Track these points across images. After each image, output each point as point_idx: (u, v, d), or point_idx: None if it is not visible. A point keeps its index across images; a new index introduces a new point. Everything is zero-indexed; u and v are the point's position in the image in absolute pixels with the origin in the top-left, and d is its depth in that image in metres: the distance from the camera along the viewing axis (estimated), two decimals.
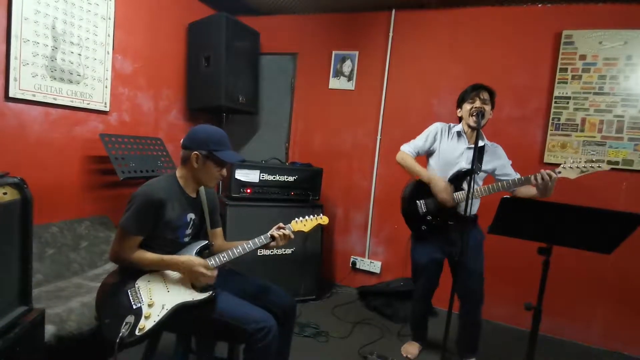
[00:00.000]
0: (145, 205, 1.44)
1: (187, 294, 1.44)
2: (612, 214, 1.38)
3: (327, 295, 3.11)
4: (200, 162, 1.53)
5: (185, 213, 1.58)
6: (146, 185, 1.51)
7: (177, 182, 1.59)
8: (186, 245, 1.58)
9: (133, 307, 1.37)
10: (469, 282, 2.04)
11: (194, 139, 1.54)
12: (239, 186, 2.65)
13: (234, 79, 3.04)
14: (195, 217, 1.64)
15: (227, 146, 1.57)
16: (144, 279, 1.45)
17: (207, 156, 1.52)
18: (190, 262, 1.45)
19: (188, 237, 1.61)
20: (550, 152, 2.71)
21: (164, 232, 1.50)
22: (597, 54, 2.57)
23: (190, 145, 1.54)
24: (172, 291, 1.43)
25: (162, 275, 1.47)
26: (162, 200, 1.46)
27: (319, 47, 3.38)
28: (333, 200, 3.38)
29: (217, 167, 1.56)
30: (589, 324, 2.68)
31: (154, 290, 1.42)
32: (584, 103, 2.62)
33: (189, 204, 1.61)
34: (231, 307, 1.49)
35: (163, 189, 1.51)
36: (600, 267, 2.60)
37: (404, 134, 3.10)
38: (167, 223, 1.49)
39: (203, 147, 1.51)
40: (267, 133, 3.60)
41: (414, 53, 3.08)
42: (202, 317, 1.46)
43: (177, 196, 1.55)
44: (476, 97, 2.00)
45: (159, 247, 1.50)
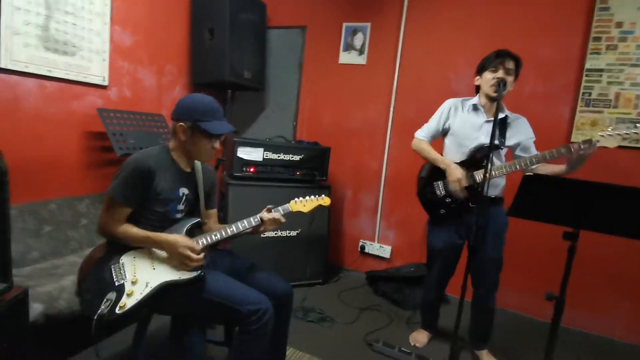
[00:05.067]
0: (134, 173, 1.34)
1: (174, 273, 1.34)
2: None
3: (334, 280, 3.01)
4: (186, 134, 1.42)
5: (178, 187, 1.48)
6: (136, 153, 1.41)
7: (170, 154, 1.48)
8: (177, 222, 1.48)
9: (115, 284, 1.28)
10: (486, 268, 1.89)
11: (180, 108, 1.43)
12: (242, 165, 2.54)
13: (239, 54, 2.90)
14: (189, 192, 1.53)
15: (215, 116, 1.44)
16: (129, 254, 1.36)
17: (192, 127, 1.41)
18: (175, 242, 1.34)
19: (180, 213, 1.51)
20: (578, 130, 2.49)
21: (153, 205, 1.40)
22: (635, 20, 2.30)
23: (176, 115, 1.43)
24: (158, 269, 1.34)
25: (150, 252, 1.38)
26: (152, 169, 1.36)
27: (328, 19, 3.18)
28: (341, 181, 3.24)
29: (206, 140, 1.43)
30: (611, 315, 2.50)
31: (139, 267, 1.33)
32: (619, 76, 2.37)
33: (182, 178, 1.50)
34: (223, 287, 1.39)
35: (154, 158, 1.41)
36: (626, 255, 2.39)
37: (418, 111, 2.93)
38: (157, 195, 1.39)
39: (187, 118, 1.40)
40: (274, 111, 3.46)
41: (429, 24, 2.86)
42: (191, 297, 1.36)
43: (170, 168, 1.45)
44: (500, 66, 1.81)
45: (149, 222, 1.41)
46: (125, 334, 1.91)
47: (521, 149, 1.90)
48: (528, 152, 1.90)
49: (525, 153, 1.90)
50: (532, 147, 1.91)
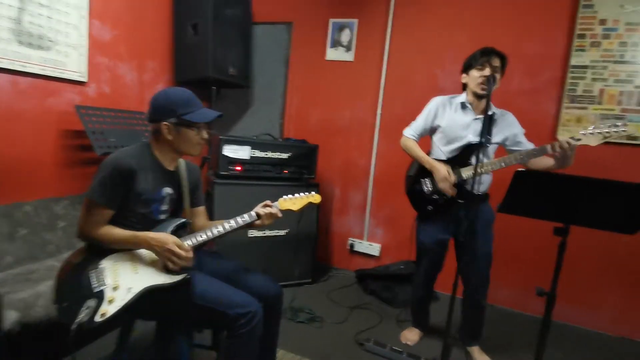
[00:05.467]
0: (113, 173, 1.27)
1: (158, 276, 1.28)
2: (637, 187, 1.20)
3: (323, 279, 2.97)
4: (173, 132, 1.36)
5: (161, 186, 1.41)
6: (116, 152, 1.35)
7: (152, 152, 1.42)
8: (161, 222, 1.41)
9: (95, 290, 1.21)
10: (476, 263, 1.89)
11: (158, 108, 1.36)
12: (228, 163, 2.47)
13: (223, 49, 2.82)
14: (173, 192, 1.47)
15: (197, 105, 1.39)
16: (110, 258, 1.29)
17: (178, 123, 1.35)
18: (164, 239, 1.28)
19: (164, 214, 1.45)
20: (564, 126, 2.51)
21: (135, 206, 1.34)
22: (619, 18, 2.33)
23: (155, 116, 1.37)
24: (141, 273, 1.28)
25: (132, 255, 1.31)
26: (133, 168, 1.30)
27: (315, 15, 3.14)
28: (330, 179, 3.20)
29: (194, 131, 1.38)
30: (596, 308, 2.54)
31: (120, 271, 1.26)
32: (603, 73, 2.40)
33: (166, 177, 1.44)
34: (211, 290, 1.34)
35: (134, 157, 1.34)
36: (612, 249, 2.43)
37: (406, 109, 2.91)
38: (138, 195, 1.32)
39: (170, 115, 1.34)
40: (260, 108, 3.39)
41: (417, 21, 2.85)
42: (176, 301, 1.31)
43: (152, 167, 1.39)
44: (486, 64, 1.80)
45: (131, 224, 1.34)
46: (108, 339, 1.84)
47: (511, 144, 1.90)
48: (520, 145, 1.90)
49: (517, 147, 1.90)
50: (523, 141, 1.91)
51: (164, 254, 1.28)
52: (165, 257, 1.28)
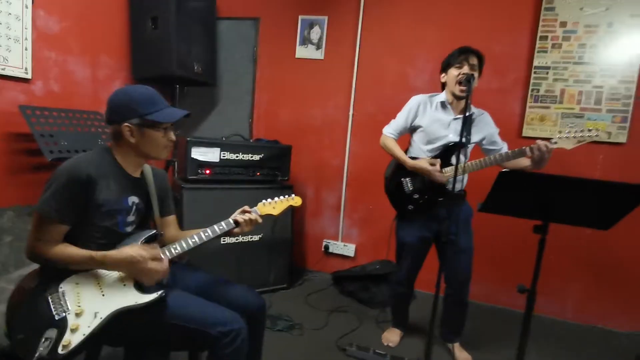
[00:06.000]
0: (69, 182, 1.12)
1: (128, 297, 1.14)
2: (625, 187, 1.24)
3: (298, 283, 2.90)
4: (136, 134, 1.22)
5: (126, 195, 1.27)
6: (72, 159, 1.19)
7: (113, 157, 1.27)
8: (128, 236, 1.27)
9: (55, 318, 1.06)
10: (458, 260, 1.90)
11: (117, 109, 1.23)
12: (197, 167, 2.32)
13: (187, 45, 2.66)
14: (140, 201, 1.33)
15: (161, 103, 1.27)
16: (70, 281, 1.14)
17: (141, 124, 1.22)
18: (131, 257, 1.15)
19: (130, 225, 1.31)
20: (529, 125, 2.60)
21: (96, 219, 1.19)
22: (578, 20, 2.45)
23: (115, 117, 1.23)
24: (109, 294, 1.14)
25: (95, 275, 1.17)
26: (92, 176, 1.15)
27: (283, 11, 3.04)
28: (302, 180, 3.13)
29: (160, 132, 1.25)
30: (564, 299, 2.66)
31: (83, 294, 1.12)
32: (564, 73, 2.51)
33: (131, 185, 1.30)
34: (188, 307, 1.22)
35: (93, 163, 1.19)
36: (576, 243, 2.56)
37: (378, 108, 2.90)
38: (100, 206, 1.18)
39: (132, 115, 1.21)
40: (227, 107, 3.24)
41: (387, 18, 2.83)
42: (150, 324, 1.18)
43: (114, 174, 1.24)
44: (464, 62, 1.81)
45: (92, 239, 1.19)
46: None
47: (487, 143, 1.93)
48: (495, 145, 1.94)
49: (492, 146, 1.93)
50: (498, 140, 1.95)
51: (137, 273, 1.15)
52: (139, 275, 1.15)
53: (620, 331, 2.54)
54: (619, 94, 2.42)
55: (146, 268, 1.15)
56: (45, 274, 1.16)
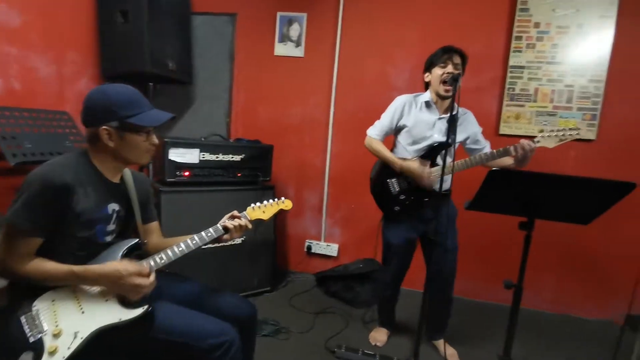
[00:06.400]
0: (44, 191, 1.03)
1: (112, 313, 1.07)
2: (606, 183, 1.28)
3: (282, 285, 2.85)
4: (115, 137, 1.13)
5: (105, 203, 1.18)
6: (45, 165, 1.08)
7: (91, 162, 1.18)
8: (108, 246, 1.19)
9: (29, 340, 0.97)
10: (444, 259, 1.91)
11: (94, 110, 1.13)
12: (175, 169, 2.22)
13: (160, 41, 2.53)
14: (120, 208, 1.25)
15: (143, 105, 1.18)
16: (45, 298, 1.04)
17: (121, 127, 1.13)
18: (116, 272, 1.06)
19: (111, 235, 1.23)
20: (505, 123, 2.67)
21: (74, 230, 1.10)
22: (551, 22, 2.53)
23: (91, 119, 1.13)
24: (89, 312, 1.05)
25: (73, 290, 1.08)
26: (68, 184, 1.06)
27: (261, 7, 2.96)
28: (284, 180, 3.07)
29: (142, 136, 1.17)
30: (539, 291, 2.76)
31: (61, 313, 1.03)
32: (538, 73, 2.59)
33: (110, 191, 1.21)
34: (176, 320, 1.16)
35: (70, 169, 1.10)
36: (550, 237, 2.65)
37: (359, 106, 2.89)
38: (78, 216, 1.09)
39: (110, 118, 1.12)
40: (204, 106, 3.13)
41: (367, 16, 2.82)
42: (137, 340, 1.10)
43: (93, 180, 1.15)
44: (448, 61, 1.82)
45: (69, 251, 1.10)
46: None
47: (471, 142, 1.95)
48: (478, 144, 1.97)
49: (475, 145, 1.96)
50: (481, 139, 1.98)
51: (121, 289, 1.07)
52: (123, 291, 1.07)
53: (590, 318, 2.67)
54: (588, 92, 2.53)
55: (132, 283, 1.07)
56: (16, 291, 1.06)
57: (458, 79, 1.60)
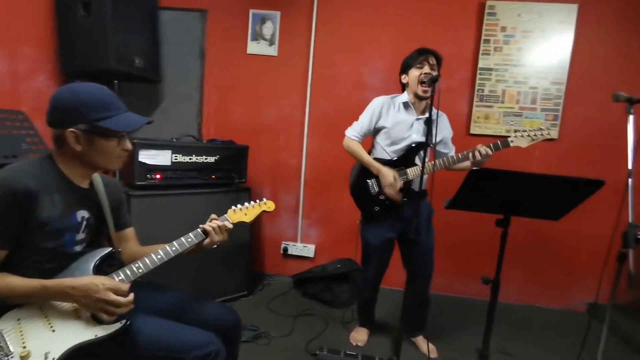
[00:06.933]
0: (4, 198, 0.94)
1: (86, 330, 0.99)
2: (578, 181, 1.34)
3: (259, 289, 2.78)
4: (83, 141, 1.04)
5: (73, 210, 1.10)
6: (5, 170, 0.99)
7: (56, 166, 1.08)
8: (78, 256, 1.10)
9: None
10: (423, 258, 1.94)
11: (61, 110, 1.04)
12: (145, 171, 2.10)
13: (125, 36, 2.40)
14: (90, 215, 1.16)
15: (117, 108, 1.09)
16: (9, 317, 0.95)
17: (90, 131, 1.04)
18: (89, 285, 0.98)
19: (80, 244, 1.13)
20: (475, 123, 2.77)
21: (40, 240, 1.01)
22: (516, 26, 2.64)
23: (57, 120, 1.04)
24: (61, 330, 0.97)
25: (42, 308, 0.99)
26: (32, 190, 0.97)
27: (232, 4, 2.88)
28: (259, 182, 3.01)
29: (114, 141, 1.09)
30: (507, 283, 2.86)
31: (28, 332, 0.94)
32: (505, 75, 2.70)
33: (79, 197, 1.12)
34: (158, 333, 1.09)
35: (33, 174, 1.01)
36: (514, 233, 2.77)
37: (335, 106, 2.88)
38: (43, 225, 1.00)
39: (79, 120, 1.03)
40: (173, 106, 3.00)
41: (341, 16, 2.82)
42: (115, 357, 1.02)
43: (59, 186, 1.07)
44: (425, 62, 1.85)
45: (35, 264, 1.01)
46: None
47: (442, 144, 2.00)
48: (446, 147, 2.03)
49: (444, 149, 2.02)
50: (449, 142, 2.05)
51: (94, 306, 0.99)
52: (97, 308, 0.99)
53: (554, 308, 2.82)
54: (551, 94, 2.66)
55: (108, 299, 0.98)
56: None
57: (437, 80, 1.63)
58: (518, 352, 2.16)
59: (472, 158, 1.81)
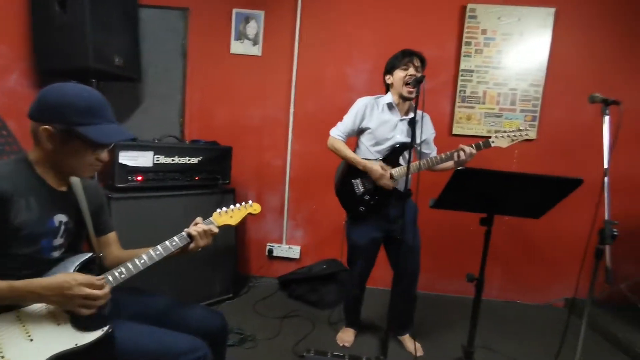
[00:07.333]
0: None
1: (66, 339, 0.95)
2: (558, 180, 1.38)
3: (244, 291, 2.75)
4: (55, 141, 1.00)
5: (50, 214, 1.06)
6: None
7: (32, 168, 1.04)
8: (57, 262, 1.06)
9: None
10: (409, 257, 1.96)
11: (45, 106, 1.00)
12: (126, 173, 2.05)
13: (104, 34, 2.33)
14: (69, 219, 1.12)
15: (103, 116, 1.04)
16: None
17: (65, 133, 0.99)
18: (61, 283, 0.94)
19: (59, 250, 1.09)
20: (457, 123, 2.81)
21: (14, 247, 0.97)
22: (496, 29, 2.70)
23: (37, 114, 1.00)
24: (39, 339, 0.93)
25: (18, 316, 0.94)
26: (6, 193, 0.94)
27: (215, 2, 2.84)
28: (243, 183, 2.97)
29: (88, 150, 1.04)
30: (489, 280, 2.94)
31: (5, 342, 0.89)
32: (485, 76, 2.76)
33: (56, 200, 1.08)
34: (145, 340, 1.07)
35: (7, 177, 0.97)
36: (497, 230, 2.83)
37: (319, 106, 2.88)
38: (18, 230, 0.96)
39: (58, 119, 0.99)
40: (155, 105, 2.93)
41: (325, 17, 2.82)
42: None
43: (35, 189, 1.02)
44: (410, 64, 1.87)
45: (10, 271, 0.96)
46: None
47: (425, 144, 2.02)
48: (429, 147, 2.06)
49: (426, 149, 2.05)
50: (432, 143, 2.08)
51: (70, 303, 0.95)
52: (74, 305, 0.95)
53: (534, 304, 2.90)
54: (529, 95, 2.74)
55: (82, 294, 0.95)
56: None
57: (422, 81, 1.64)
58: (500, 348, 2.21)
59: (457, 158, 1.84)
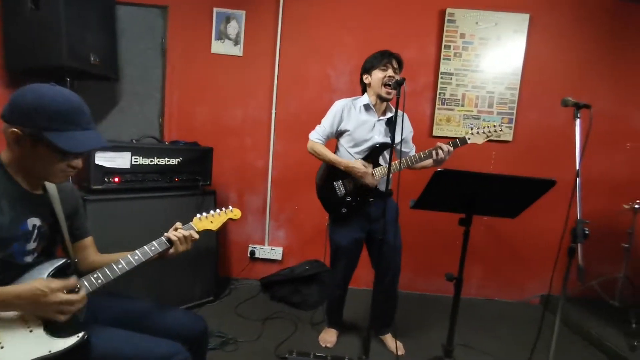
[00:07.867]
0: None
1: (39, 346, 0.92)
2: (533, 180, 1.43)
3: (225, 294, 2.72)
4: (23, 144, 0.96)
5: (23, 218, 1.02)
6: None
7: (5, 170, 1.00)
8: (30, 267, 1.02)
9: None
10: (390, 256, 1.98)
11: (17, 107, 0.95)
12: (102, 174, 1.99)
13: (79, 31, 2.26)
14: (42, 223, 1.08)
15: (78, 123, 0.99)
16: None
17: (34, 137, 0.95)
18: (34, 290, 0.91)
19: (31, 254, 1.06)
20: (437, 125, 2.87)
21: None
22: (474, 33, 2.77)
23: (8, 115, 0.96)
24: (10, 346, 0.89)
25: None
26: None
27: (195, 1, 2.80)
28: (224, 184, 2.94)
29: (58, 156, 0.99)
30: (468, 279, 3.01)
31: None
32: (464, 79, 2.82)
33: (30, 204, 1.05)
34: (122, 346, 1.04)
35: None
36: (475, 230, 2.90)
37: (302, 108, 2.88)
38: None
39: (28, 122, 0.94)
40: (133, 105, 2.86)
41: (307, 18, 2.82)
42: None
43: (7, 191, 0.99)
44: (388, 65, 1.89)
45: None
46: None
47: (403, 143, 2.05)
48: (407, 146, 2.09)
49: (406, 147, 2.07)
50: (410, 141, 2.10)
51: (45, 311, 0.92)
52: (50, 312, 0.92)
53: (511, 301, 2.99)
54: (506, 98, 2.82)
55: (57, 301, 0.92)
56: None
57: (403, 84, 1.67)
58: (478, 345, 2.26)
59: (435, 156, 1.86)
